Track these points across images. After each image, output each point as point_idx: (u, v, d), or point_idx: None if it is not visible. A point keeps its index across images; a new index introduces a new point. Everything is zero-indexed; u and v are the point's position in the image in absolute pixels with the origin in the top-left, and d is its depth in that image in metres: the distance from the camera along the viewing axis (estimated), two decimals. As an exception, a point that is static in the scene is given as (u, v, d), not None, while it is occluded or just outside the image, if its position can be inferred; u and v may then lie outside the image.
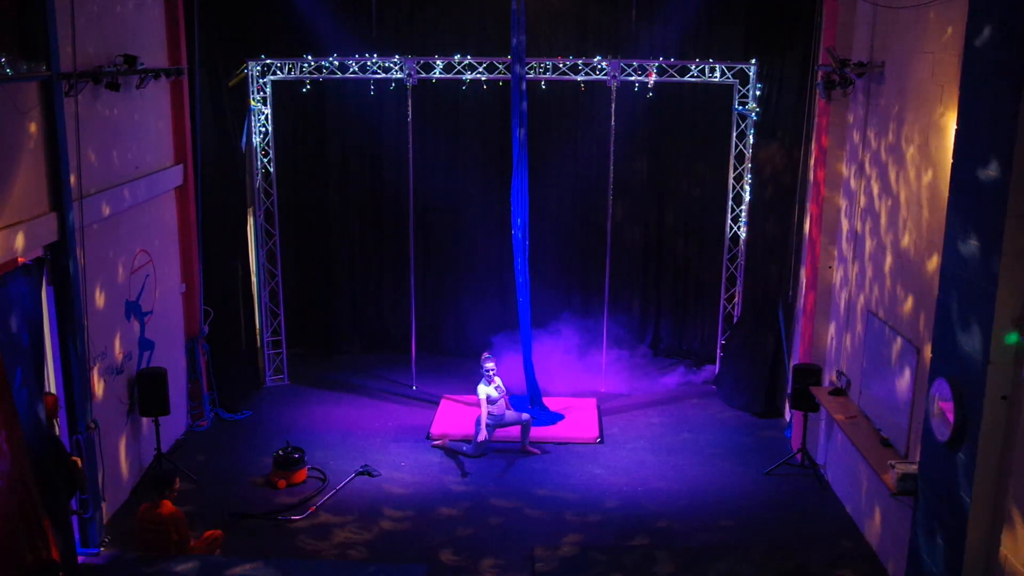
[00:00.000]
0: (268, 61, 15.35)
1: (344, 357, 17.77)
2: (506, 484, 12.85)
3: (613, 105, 15.27)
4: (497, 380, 13.59)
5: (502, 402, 13.61)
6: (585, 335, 16.96)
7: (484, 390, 13.45)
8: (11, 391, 8.90)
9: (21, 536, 8.89)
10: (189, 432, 14.30)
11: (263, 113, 15.56)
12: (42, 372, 9.75)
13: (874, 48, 11.63)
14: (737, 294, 16.35)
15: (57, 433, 10.57)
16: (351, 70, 15.44)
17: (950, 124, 8.94)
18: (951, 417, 7.58)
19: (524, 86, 14.00)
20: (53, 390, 10.80)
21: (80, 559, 10.50)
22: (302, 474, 12.79)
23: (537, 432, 14.19)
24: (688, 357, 17.59)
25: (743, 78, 15.40)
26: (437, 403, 15.36)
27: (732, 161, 15.94)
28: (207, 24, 13.93)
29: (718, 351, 16.63)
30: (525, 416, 13.85)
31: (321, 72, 15.46)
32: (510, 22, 13.79)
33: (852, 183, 12.38)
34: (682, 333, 17.77)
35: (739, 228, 16.08)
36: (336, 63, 15.37)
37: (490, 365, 13.60)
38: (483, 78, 15.40)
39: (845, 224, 12.68)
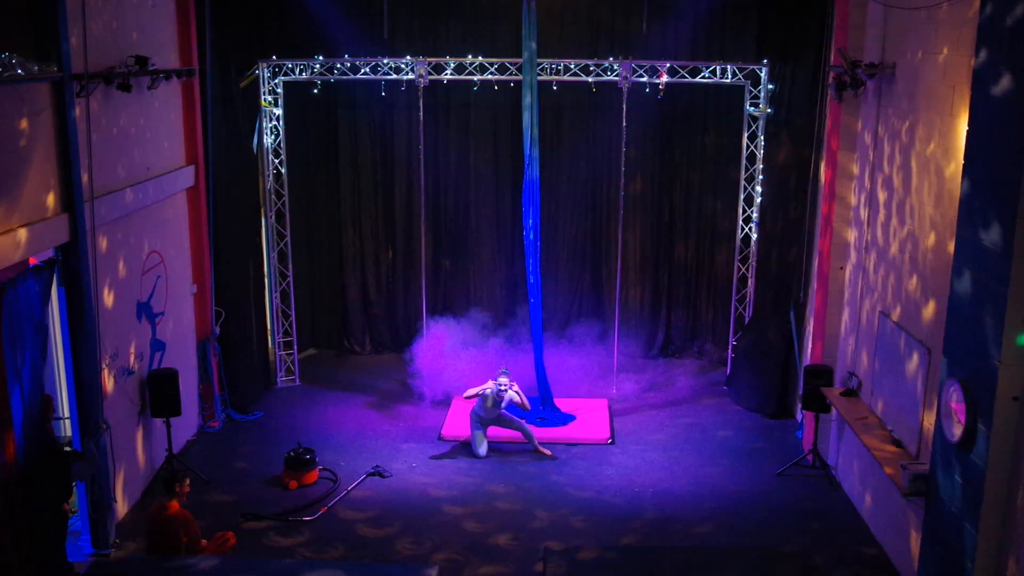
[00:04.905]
0: (280, 62, 15.38)
1: (355, 358, 17.79)
2: (517, 485, 12.84)
3: (624, 106, 15.24)
4: (511, 393, 13.57)
5: (496, 409, 13.63)
6: (596, 336, 16.96)
7: (480, 388, 13.57)
8: (8, 395, 8.92)
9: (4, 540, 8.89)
10: (201, 433, 14.34)
11: (275, 114, 15.58)
12: (41, 375, 9.76)
13: (885, 49, 11.59)
14: (748, 295, 16.31)
15: (65, 436, 10.66)
16: (363, 71, 15.46)
17: (961, 124, 8.91)
18: (963, 418, 7.56)
19: (535, 89, 14.00)
20: (64, 391, 10.87)
21: (90, 559, 10.58)
22: (313, 475, 12.81)
23: (549, 433, 14.19)
24: (699, 358, 17.57)
25: (754, 79, 15.37)
26: (448, 403, 15.35)
27: (743, 162, 15.91)
28: (219, 25, 13.96)
29: (729, 352, 16.59)
30: (524, 423, 13.89)
31: (333, 73, 15.48)
32: (521, 23, 13.78)
33: (864, 184, 12.34)
34: (693, 334, 17.76)
35: (750, 229, 16.05)
36: (348, 64, 15.39)
37: (503, 380, 13.57)
38: (494, 79, 15.40)
39: (856, 225, 12.64)
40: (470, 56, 15.38)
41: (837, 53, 12.34)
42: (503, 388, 13.51)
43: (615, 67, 15.18)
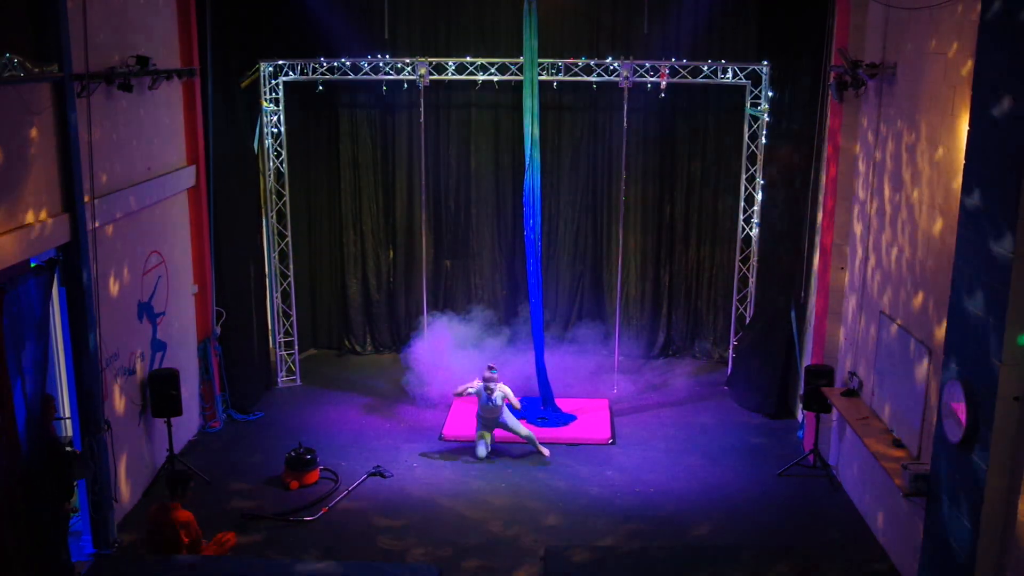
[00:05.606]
0: (280, 62, 15.37)
1: (356, 358, 17.79)
2: (518, 485, 12.83)
3: (625, 106, 15.24)
4: (503, 389, 13.55)
5: (495, 409, 13.59)
6: (597, 336, 16.95)
7: (467, 386, 13.59)
8: (11, 395, 8.92)
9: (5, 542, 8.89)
10: (201, 433, 14.34)
11: (275, 114, 15.58)
12: (44, 374, 9.76)
13: (886, 49, 11.59)
14: (749, 295, 16.31)
15: (66, 436, 10.64)
16: (363, 71, 15.46)
17: (962, 125, 8.90)
18: (963, 418, 7.56)
19: (536, 89, 14.00)
20: (65, 391, 10.86)
21: (91, 559, 10.58)
22: (314, 475, 12.81)
23: (550, 433, 14.19)
24: (700, 358, 17.58)
25: (755, 79, 15.37)
26: (449, 404, 15.34)
27: (744, 162, 15.91)
28: (219, 25, 13.95)
29: (730, 352, 16.60)
30: (525, 432, 13.84)
31: (334, 73, 15.48)
32: (522, 23, 13.77)
33: (865, 184, 12.34)
34: (694, 334, 17.76)
35: (751, 229, 16.05)
36: (348, 64, 15.39)
37: (488, 375, 13.55)
38: (495, 79, 15.40)
39: (857, 225, 12.64)
40: (471, 56, 15.38)
41: (838, 53, 12.35)
42: (491, 384, 13.46)
43: (616, 67, 15.18)
